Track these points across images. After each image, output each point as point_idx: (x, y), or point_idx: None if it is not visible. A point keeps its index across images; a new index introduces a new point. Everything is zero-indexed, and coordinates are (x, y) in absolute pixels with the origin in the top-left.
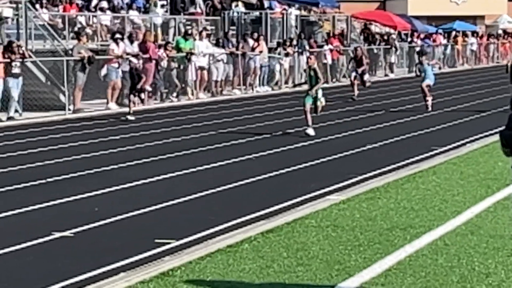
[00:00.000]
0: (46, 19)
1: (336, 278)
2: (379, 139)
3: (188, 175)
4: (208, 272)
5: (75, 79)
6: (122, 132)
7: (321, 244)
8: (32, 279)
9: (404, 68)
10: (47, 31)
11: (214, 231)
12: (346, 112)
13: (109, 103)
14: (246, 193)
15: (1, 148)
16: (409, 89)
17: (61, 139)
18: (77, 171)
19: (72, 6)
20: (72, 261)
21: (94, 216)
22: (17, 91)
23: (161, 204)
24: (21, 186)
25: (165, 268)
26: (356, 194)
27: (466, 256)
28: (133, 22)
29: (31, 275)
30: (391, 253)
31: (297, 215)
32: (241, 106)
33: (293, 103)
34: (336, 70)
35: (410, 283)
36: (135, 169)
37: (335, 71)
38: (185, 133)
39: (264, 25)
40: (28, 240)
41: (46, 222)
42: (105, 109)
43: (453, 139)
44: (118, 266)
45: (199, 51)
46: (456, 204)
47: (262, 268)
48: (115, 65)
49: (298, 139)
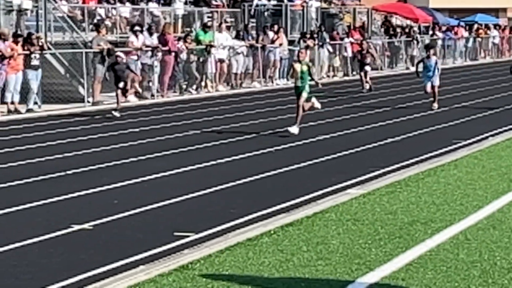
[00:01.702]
0: (66, 11)
1: (356, 272)
2: (400, 133)
3: (209, 168)
4: (228, 265)
5: (94, 71)
6: (142, 125)
7: (341, 238)
8: (52, 271)
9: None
10: (67, 23)
11: (234, 224)
12: (369, 105)
13: (128, 95)
14: (266, 186)
15: (20, 140)
16: None
17: (80, 131)
18: (96, 164)
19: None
20: (91, 254)
21: (114, 209)
22: (36, 83)
23: (181, 197)
24: (39, 178)
25: (184, 261)
26: (376, 187)
27: (487, 251)
28: (153, 14)
29: (51, 267)
30: (411, 247)
31: (317, 209)
32: (261, 99)
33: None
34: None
35: (431, 277)
36: (154, 162)
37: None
38: (206, 125)
39: (284, 17)
40: (48, 233)
41: (65, 215)
42: (124, 102)
43: (475, 132)
44: (137, 259)
45: (218, 44)
46: (477, 198)
47: (282, 262)
48: (134, 57)
49: (319, 132)
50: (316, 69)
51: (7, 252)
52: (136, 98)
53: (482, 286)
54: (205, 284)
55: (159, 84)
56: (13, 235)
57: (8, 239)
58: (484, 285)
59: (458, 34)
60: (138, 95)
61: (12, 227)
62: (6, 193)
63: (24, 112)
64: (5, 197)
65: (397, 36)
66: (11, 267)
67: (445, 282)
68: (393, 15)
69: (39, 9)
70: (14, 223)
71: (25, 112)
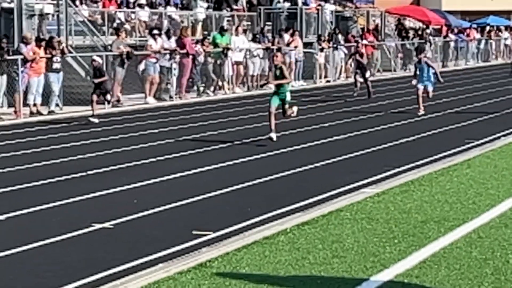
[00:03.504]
0: (86, 15)
1: (370, 270)
2: (414, 133)
3: (226, 168)
4: (245, 263)
5: (114, 74)
6: (161, 126)
7: (356, 237)
8: (73, 269)
9: (438, 62)
10: (87, 27)
11: (251, 223)
12: (384, 106)
13: (147, 97)
14: (283, 186)
15: (44, 141)
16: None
17: (101, 132)
18: (117, 164)
19: (111, 3)
20: (112, 252)
21: (134, 208)
22: (58, 85)
23: (199, 196)
24: (62, 178)
25: (202, 259)
26: (390, 187)
27: (500, 249)
28: (171, 18)
29: (73, 265)
30: (425, 246)
31: (332, 208)
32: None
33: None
34: (370, 64)
35: (444, 275)
36: (173, 162)
37: (369, 65)
38: (222, 126)
39: (299, 20)
40: (69, 232)
41: (86, 214)
42: (144, 103)
43: (487, 133)
44: (156, 257)
45: (235, 46)
46: (490, 197)
47: (298, 260)
48: (153, 60)
49: (334, 132)
50: (330, 71)
51: (30, 250)
52: (155, 100)
53: (494, 284)
54: (222, 281)
55: (177, 86)
56: (36, 233)
57: (31, 238)
58: (496, 282)
59: (470, 36)
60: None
61: (35, 225)
62: (30, 192)
63: (46, 113)
64: (29, 196)
65: (410, 38)
66: (34, 265)
67: (458, 279)
68: (406, 18)
69: (60, 14)
70: (38, 222)
71: (47, 114)
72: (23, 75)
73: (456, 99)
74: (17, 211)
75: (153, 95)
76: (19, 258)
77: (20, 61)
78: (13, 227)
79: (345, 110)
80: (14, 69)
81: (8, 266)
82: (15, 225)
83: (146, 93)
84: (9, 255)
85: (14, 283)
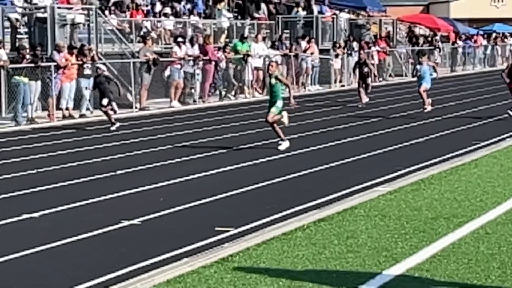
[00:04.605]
0: (115, 24)
1: (383, 264)
2: (424, 134)
3: (247, 168)
4: (264, 258)
5: (141, 80)
6: (186, 128)
7: (369, 232)
8: (104, 263)
9: (447, 67)
10: (116, 35)
11: (270, 220)
12: (394, 109)
13: (172, 101)
14: (299, 185)
15: (77, 143)
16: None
17: (131, 134)
18: (145, 164)
19: (138, 12)
20: (140, 247)
21: (160, 206)
22: (89, 90)
23: (221, 194)
24: (94, 178)
25: (224, 254)
26: (402, 185)
27: (506, 244)
28: (195, 26)
29: (104, 259)
30: (435, 241)
31: (347, 205)
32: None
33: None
34: (383, 69)
35: (453, 269)
36: (198, 163)
37: (382, 70)
38: (243, 129)
39: (315, 28)
40: (100, 228)
41: (116, 212)
42: (169, 107)
43: (493, 134)
44: (181, 252)
45: (255, 53)
46: (496, 195)
47: (315, 255)
48: (178, 66)
49: (347, 135)
50: (345, 76)
51: (65, 245)
52: (179, 104)
53: (501, 277)
54: (243, 275)
55: (200, 91)
56: (69, 230)
57: (65, 234)
58: (503, 276)
59: (477, 43)
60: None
61: (68, 223)
62: (64, 191)
63: (77, 117)
64: (63, 195)
65: (420, 45)
66: (68, 260)
67: (467, 273)
68: (417, 25)
69: (90, 23)
70: (71, 219)
71: (78, 117)
72: (56, 81)
73: (463, 102)
74: (52, 209)
75: (178, 99)
76: (53, 253)
77: (53, 67)
78: (48, 224)
79: (358, 113)
80: (47, 75)
81: (43, 261)
82: (49, 222)
83: (171, 97)
84: (44, 250)
85: (49, 277)
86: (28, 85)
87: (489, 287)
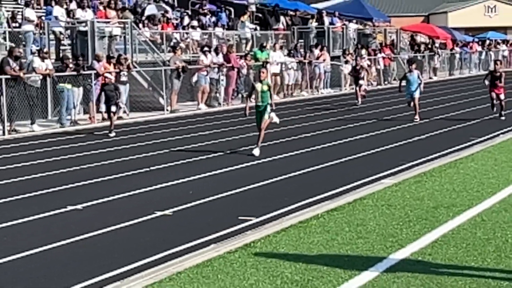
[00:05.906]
0: (148, 36)
1: (390, 249)
2: (425, 132)
3: (267, 163)
4: (283, 244)
5: (172, 85)
6: (214, 128)
7: (377, 220)
8: (140, 250)
9: (445, 71)
10: (149, 45)
11: (288, 210)
12: (398, 109)
13: (199, 104)
14: (314, 178)
15: (116, 142)
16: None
17: (161, 134)
18: (175, 161)
19: (168, 25)
20: (171, 235)
21: (189, 198)
22: (125, 95)
23: (244, 187)
24: (130, 173)
25: (247, 240)
26: (406, 178)
27: (500, 230)
28: (219, 37)
29: (139, 246)
30: (436, 228)
31: (356, 196)
32: (309, 105)
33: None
34: (388, 74)
35: (453, 253)
36: (224, 159)
37: (387, 75)
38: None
39: (326, 37)
40: (136, 218)
41: (149, 203)
42: (196, 110)
43: (488, 131)
44: (209, 239)
45: (273, 60)
46: (491, 185)
47: (328, 241)
48: (204, 73)
49: (355, 133)
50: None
51: (105, 234)
52: (206, 106)
53: (496, 260)
54: (264, 259)
55: (225, 95)
56: (108, 220)
57: (104, 223)
58: (498, 259)
59: (473, 49)
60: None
61: (107, 214)
62: (104, 185)
63: (115, 119)
64: (103, 188)
65: (421, 51)
66: (106, 247)
67: (465, 256)
68: (418, 34)
69: (126, 35)
70: (109, 211)
71: (115, 120)
72: (96, 87)
73: (461, 103)
74: (93, 201)
75: (204, 103)
76: (94, 241)
77: (93, 75)
78: (89, 215)
79: (367, 113)
80: (88, 82)
81: (85, 248)
82: (91, 214)
83: (198, 100)
84: (87, 238)
85: (90, 262)
86: (71, 91)
87: (485, 269)
